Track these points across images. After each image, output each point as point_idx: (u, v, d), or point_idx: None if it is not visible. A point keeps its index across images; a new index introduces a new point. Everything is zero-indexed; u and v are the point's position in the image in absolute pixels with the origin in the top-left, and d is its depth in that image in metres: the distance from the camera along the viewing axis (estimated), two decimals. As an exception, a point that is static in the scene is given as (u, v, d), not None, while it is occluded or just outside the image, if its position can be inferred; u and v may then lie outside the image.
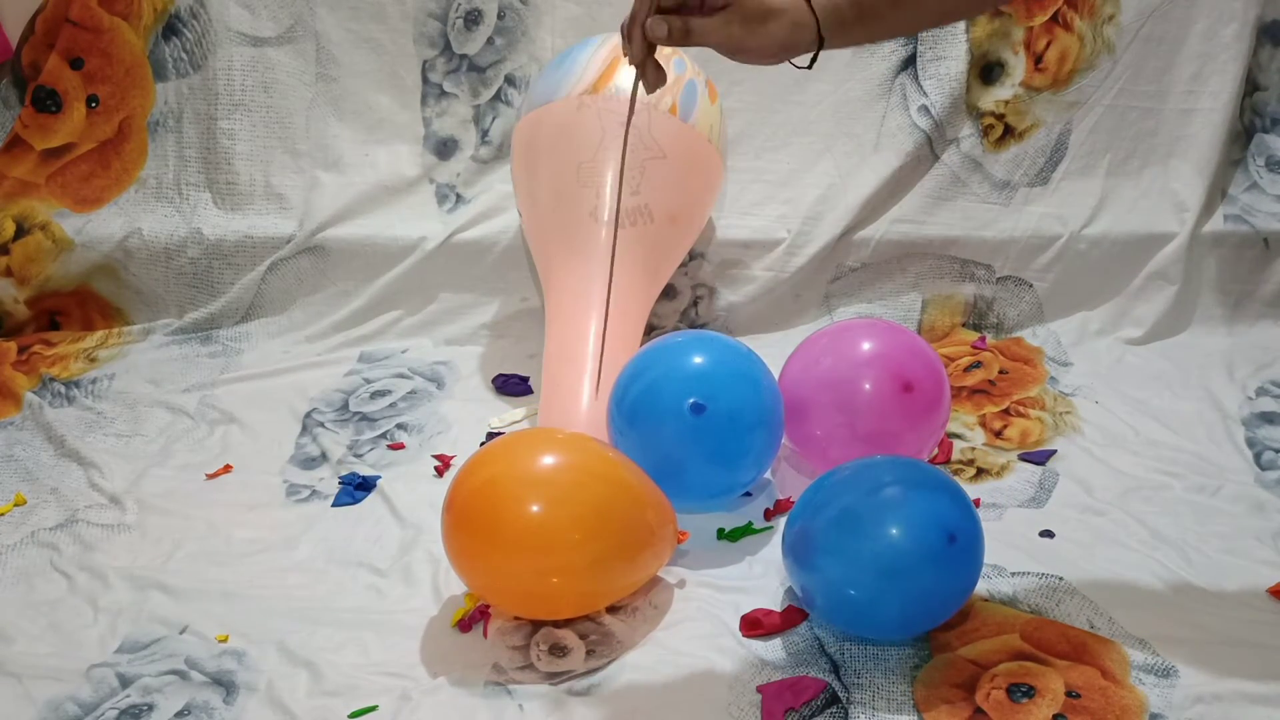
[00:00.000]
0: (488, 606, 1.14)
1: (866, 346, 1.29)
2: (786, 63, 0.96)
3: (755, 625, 1.12)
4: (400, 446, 1.46)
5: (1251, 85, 1.73)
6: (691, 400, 1.20)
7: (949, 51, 1.71)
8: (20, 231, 1.73)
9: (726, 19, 0.91)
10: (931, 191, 1.73)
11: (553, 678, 1.07)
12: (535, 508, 1.07)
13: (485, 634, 1.12)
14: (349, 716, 1.03)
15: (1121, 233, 1.71)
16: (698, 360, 1.24)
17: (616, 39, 1.52)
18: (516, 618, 1.13)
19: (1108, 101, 1.71)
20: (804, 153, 1.75)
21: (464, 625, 1.13)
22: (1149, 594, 1.15)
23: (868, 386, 1.26)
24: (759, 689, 1.04)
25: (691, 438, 1.20)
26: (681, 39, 0.91)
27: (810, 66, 0.96)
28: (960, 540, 1.05)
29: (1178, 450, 1.42)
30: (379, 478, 1.38)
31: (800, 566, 1.09)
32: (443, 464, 1.41)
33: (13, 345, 1.68)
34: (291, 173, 1.77)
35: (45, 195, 1.75)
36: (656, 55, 0.94)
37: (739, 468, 1.25)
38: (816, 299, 1.73)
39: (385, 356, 1.68)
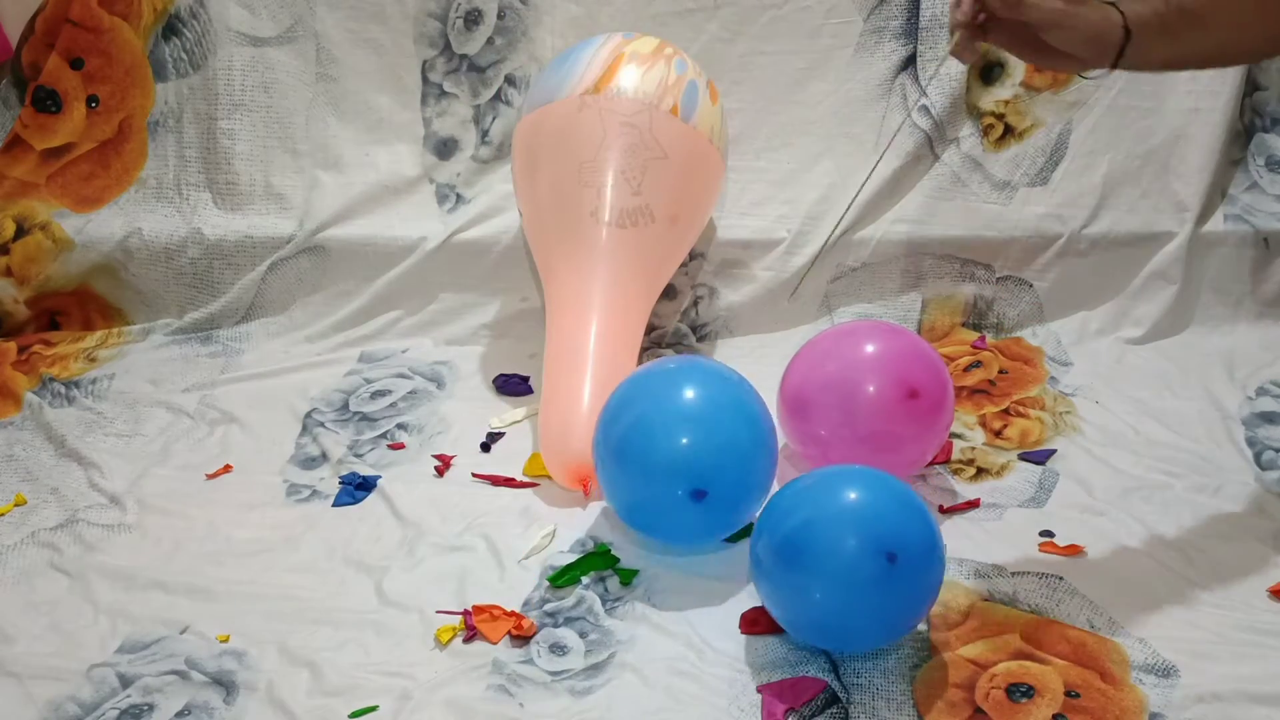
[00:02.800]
0: (474, 628, 1.13)
1: (871, 350, 1.28)
2: (1076, 75, 1.04)
3: (755, 624, 1.12)
4: (400, 446, 1.46)
5: (1251, 85, 1.73)
6: (692, 489, 1.16)
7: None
8: (20, 231, 1.73)
9: None
10: (931, 191, 1.73)
11: (553, 677, 1.07)
12: None
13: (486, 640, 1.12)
14: (349, 716, 1.03)
15: (1121, 233, 1.71)
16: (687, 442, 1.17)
17: (618, 38, 1.53)
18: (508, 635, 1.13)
19: (1108, 101, 1.71)
20: (804, 153, 1.75)
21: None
22: (1149, 594, 1.15)
23: (871, 390, 1.25)
24: (759, 689, 1.04)
25: (691, 520, 1.19)
26: (1013, 7, 0.98)
27: (1111, 69, 1.03)
28: (902, 558, 1.01)
29: (1178, 450, 1.41)
30: (379, 478, 1.38)
31: (759, 581, 1.08)
32: (443, 464, 1.41)
33: (13, 345, 1.68)
34: (291, 173, 1.77)
35: (45, 195, 1.75)
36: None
37: (735, 524, 1.23)
38: (816, 299, 1.73)
39: (385, 356, 1.68)
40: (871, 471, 1.08)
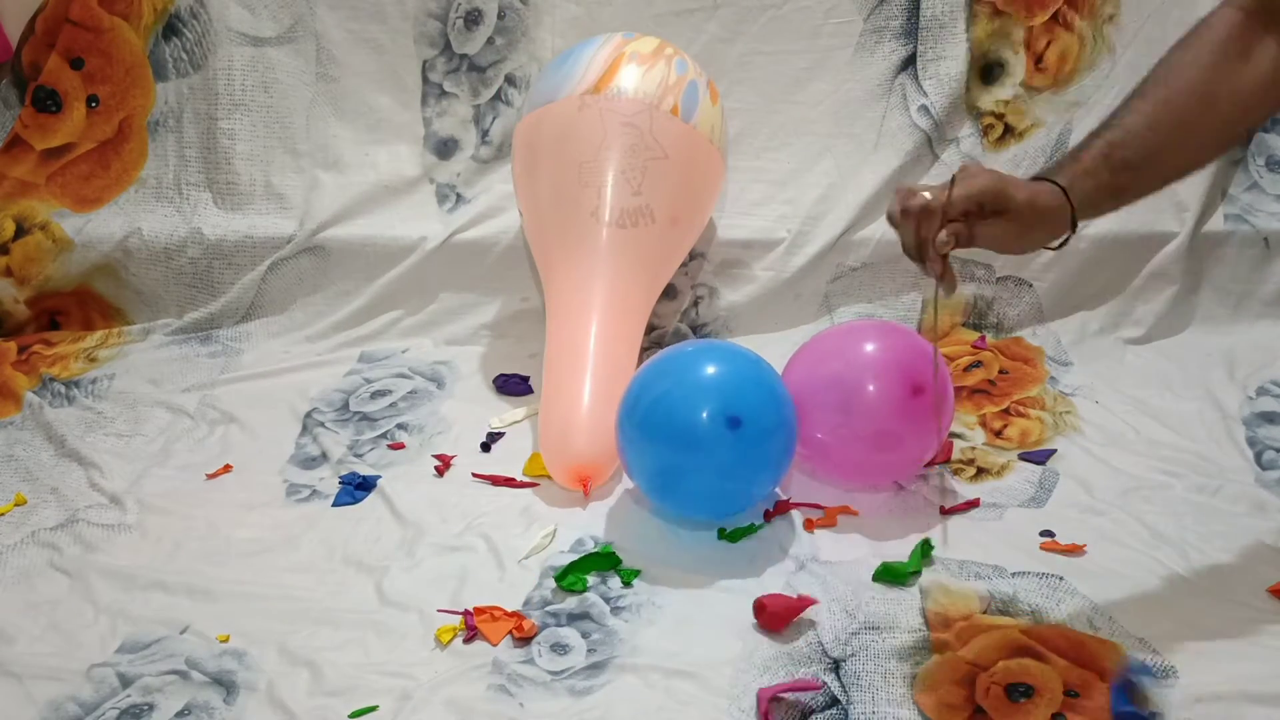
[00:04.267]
0: (474, 629, 1.13)
1: (872, 348, 1.28)
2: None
3: (762, 610, 1.11)
4: (400, 446, 1.46)
5: (1251, 85, 1.73)
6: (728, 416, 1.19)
7: (949, 51, 1.71)
8: (20, 231, 1.73)
9: (1005, 227, 1.03)
10: (931, 191, 1.73)
11: (553, 676, 1.07)
12: None
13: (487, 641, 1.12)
14: (349, 716, 1.03)
15: (1121, 233, 1.71)
16: (712, 370, 1.23)
17: (617, 38, 1.53)
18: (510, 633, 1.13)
19: (1108, 101, 1.71)
20: (804, 153, 1.75)
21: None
22: (1149, 594, 1.15)
23: (873, 388, 1.25)
24: (759, 689, 1.04)
25: (721, 452, 1.20)
26: (966, 244, 1.01)
27: (1060, 248, 1.08)
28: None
29: (1178, 450, 1.41)
30: (379, 478, 1.38)
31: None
32: (443, 464, 1.41)
33: (13, 345, 1.69)
34: (291, 173, 1.77)
35: (45, 195, 1.75)
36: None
37: (759, 481, 1.24)
38: (816, 299, 1.73)
39: (385, 356, 1.68)
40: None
